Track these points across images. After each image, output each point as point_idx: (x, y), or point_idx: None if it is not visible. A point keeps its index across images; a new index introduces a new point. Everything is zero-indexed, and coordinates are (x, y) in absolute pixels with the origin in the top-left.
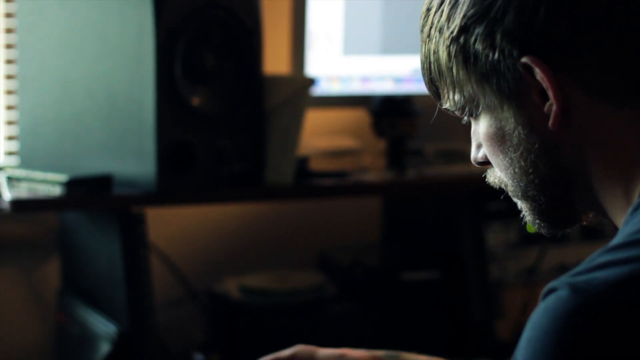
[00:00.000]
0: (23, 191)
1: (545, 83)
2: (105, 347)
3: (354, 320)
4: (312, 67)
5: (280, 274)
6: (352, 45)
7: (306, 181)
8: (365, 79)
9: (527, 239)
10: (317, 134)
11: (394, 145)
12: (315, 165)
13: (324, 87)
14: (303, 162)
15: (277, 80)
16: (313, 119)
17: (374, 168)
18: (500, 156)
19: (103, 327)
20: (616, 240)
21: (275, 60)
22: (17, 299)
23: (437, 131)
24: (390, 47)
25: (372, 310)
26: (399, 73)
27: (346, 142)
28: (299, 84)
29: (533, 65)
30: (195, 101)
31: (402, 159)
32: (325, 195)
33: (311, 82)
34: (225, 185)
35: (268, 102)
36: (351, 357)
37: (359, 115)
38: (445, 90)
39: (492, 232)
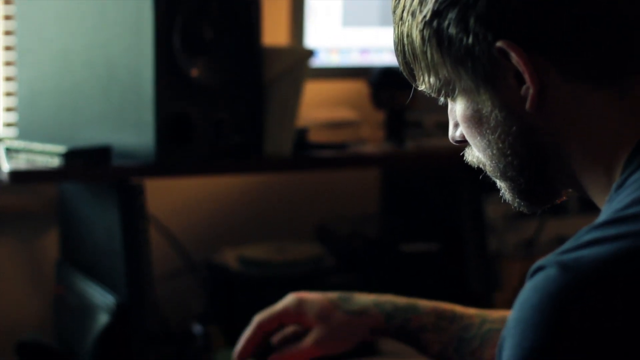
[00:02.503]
0: (22, 162)
1: (521, 67)
2: (103, 318)
3: (353, 291)
4: (311, 38)
5: (279, 245)
6: (351, 17)
7: (305, 152)
8: (364, 51)
9: None
10: (316, 105)
11: (393, 116)
12: (314, 136)
13: (323, 59)
14: (302, 133)
15: (276, 51)
16: (312, 90)
17: (372, 139)
18: (478, 137)
19: (102, 298)
20: (602, 217)
21: (274, 32)
22: (15, 270)
23: (436, 103)
24: (389, 18)
25: (371, 282)
26: None
27: (345, 114)
28: (298, 56)
29: (508, 50)
30: (194, 73)
31: (401, 130)
32: (324, 167)
33: (310, 53)
34: (224, 156)
35: (267, 74)
36: (309, 300)
37: (358, 87)
38: (420, 73)
39: (491, 203)
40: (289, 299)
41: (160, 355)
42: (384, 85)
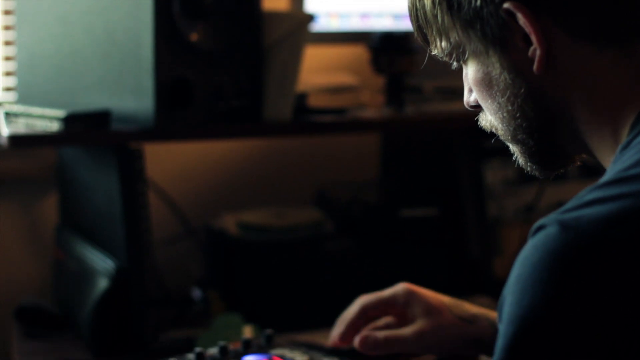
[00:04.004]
0: (21, 127)
1: (528, 28)
2: (103, 283)
3: (352, 256)
4: (311, 3)
5: (278, 210)
6: None
7: (305, 117)
8: (364, 15)
9: (526, 176)
10: (316, 70)
11: (393, 81)
12: (314, 101)
13: (323, 23)
14: (301, 98)
15: (275, 16)
16: (312, 55)
17: (372, 104)
18: (489, 100)
19: (101, 263)
20: (605, 177)
21: None
22: (15, 235)
23: (436, 68)
24: None
25: (370, 247)
26: (398, 9)
27: (345, 79)
28: (298, 20)
29: (515, 11)
30: (194, 37)
31: (400, 95)
32: (324, 132)
33: (310, 18)
34: (223, 121)
35: (267, 38)
36: (421, 292)
37: (358, 52)
38: (433, 38)
39: (490, 169)
40: (399, 287)
41: (159, 320)
42: (384, 50)
